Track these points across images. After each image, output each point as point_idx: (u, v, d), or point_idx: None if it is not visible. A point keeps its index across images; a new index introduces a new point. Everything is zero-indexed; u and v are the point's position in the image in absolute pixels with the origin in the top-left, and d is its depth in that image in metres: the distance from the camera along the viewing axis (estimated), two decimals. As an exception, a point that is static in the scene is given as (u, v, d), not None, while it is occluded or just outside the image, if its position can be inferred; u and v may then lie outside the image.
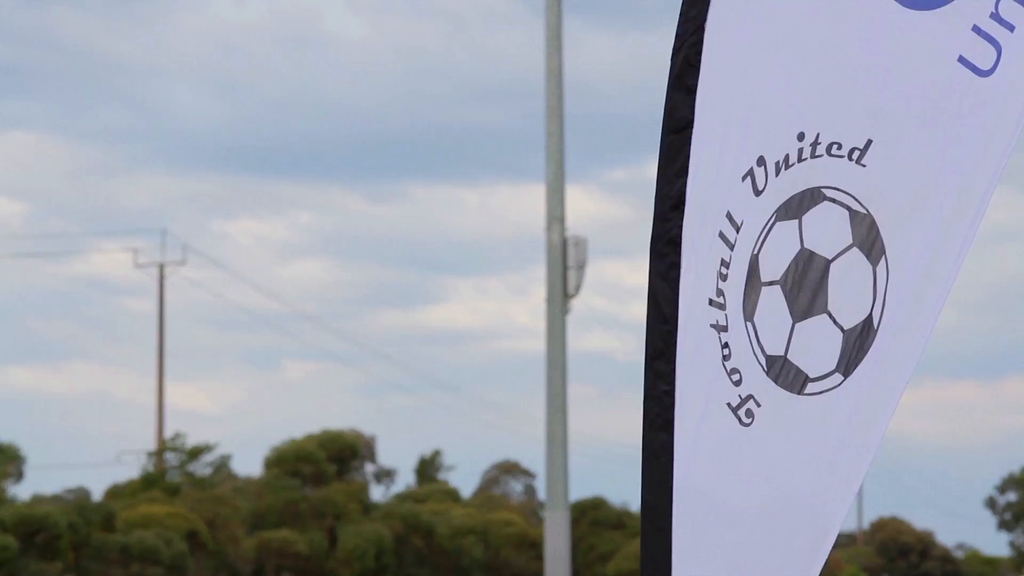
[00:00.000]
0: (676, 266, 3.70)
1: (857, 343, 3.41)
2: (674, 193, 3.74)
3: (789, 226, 3.55)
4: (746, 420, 3.53)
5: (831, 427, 3.44)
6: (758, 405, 3.52)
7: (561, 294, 21.77)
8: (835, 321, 3.45)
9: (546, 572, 21.19)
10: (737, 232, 3.61)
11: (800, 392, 3.46)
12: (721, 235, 3.64)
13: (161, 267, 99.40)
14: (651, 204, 3.79)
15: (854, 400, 3.42)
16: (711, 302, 3.62)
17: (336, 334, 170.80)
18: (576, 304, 21.02)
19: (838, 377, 3.44)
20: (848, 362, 3.43)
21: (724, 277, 3.60)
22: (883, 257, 3.41)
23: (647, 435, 3.61)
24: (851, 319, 3.43)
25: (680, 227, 3.71)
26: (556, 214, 22.53)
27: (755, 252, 3.57)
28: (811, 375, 3.46)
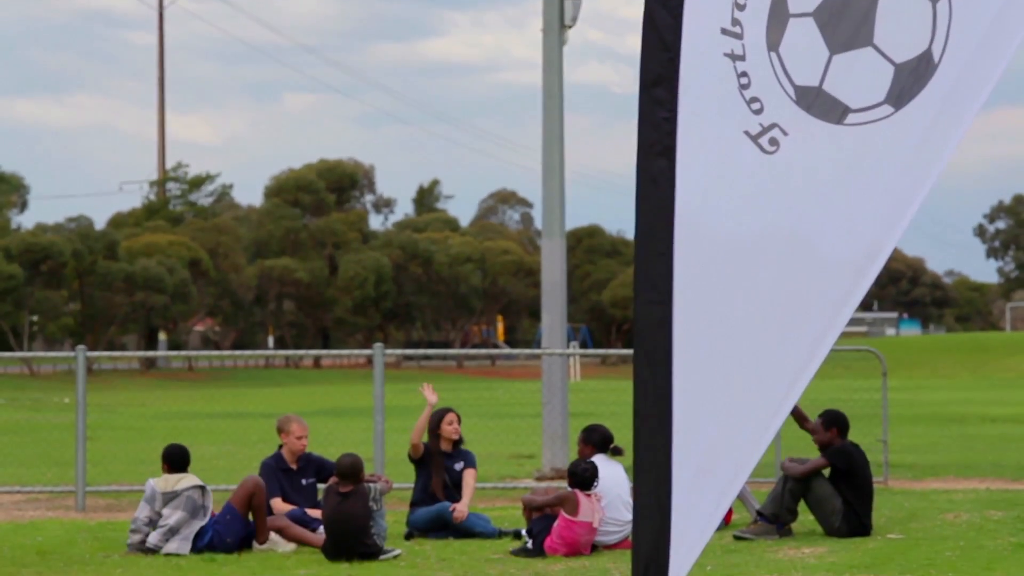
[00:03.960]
0: (678, -8, 3.74)
1: (912, 76, 3.42)
2: (677, -79, 3.74)
3: None
4: (769, 148, 3.53)
5: (878, 157, 3.44)
6: (784, 133, 3.51)
7: (558, 25, 21.88)
8: (883, 54, 3.43)
9: (543, 299, 21.56)
10: None
11: (839, 122, 3.48)
12: None
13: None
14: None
15: (908, 132, 3.42)
16: (724, 31, 3.57)
17: (336, 66, 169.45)
18: (572, 36, 21.20)
19: (887, 108, 3.46)
20: (900, 94, 3.43)
21: (741, 7, 3.56)
22: None
23: (643, 161, 3.60)
24: (905, 53, 3.41)
25: None
26: (553, -55, 22.47)
27: None
28: (852, 106, 3.48)
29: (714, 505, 3.49)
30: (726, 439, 3.37)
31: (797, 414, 14.66)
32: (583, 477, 13.55)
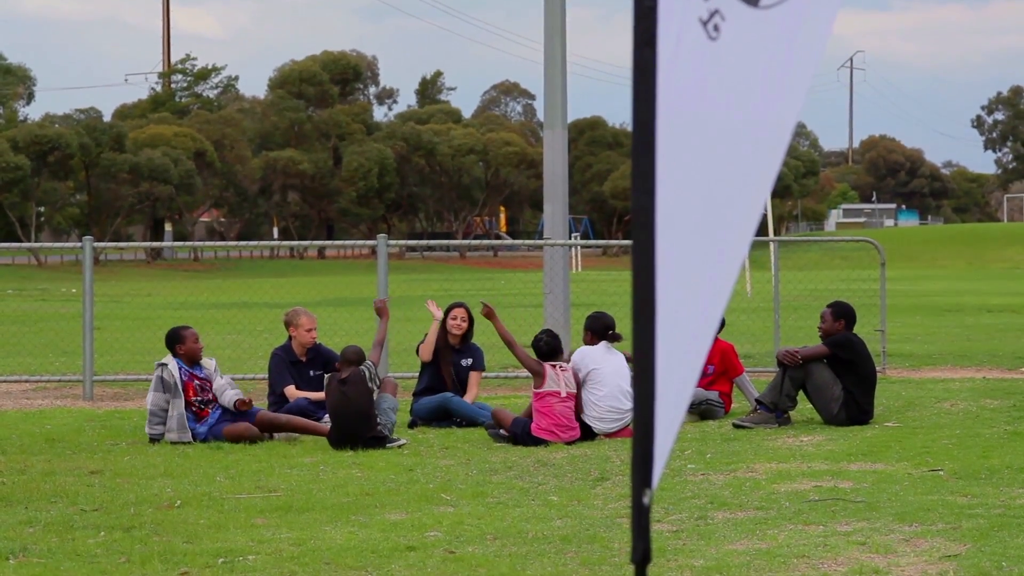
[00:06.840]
0: None
1: None
2: None
3: None
4: (713, 34, 3.71)
5: (781, 40, 3.72)
6: (723, 19, 3.71)
7: (561, -84, 21.72)
8: None
9: (544, 190, 21.60)
10: None
11: (756, 5, 3.73)
12: None
13: None
14: None
15: (800, 14, 3.69)
16: None
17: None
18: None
19: None
20: None
21: None
22: None
23: (635, 52, 3.75)
24: None
25: None
26: None
27: None
28: None
29: (684, 381, 3.69)
30: (689, 311, 3.66)
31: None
32: (540, 348, 13.84)
